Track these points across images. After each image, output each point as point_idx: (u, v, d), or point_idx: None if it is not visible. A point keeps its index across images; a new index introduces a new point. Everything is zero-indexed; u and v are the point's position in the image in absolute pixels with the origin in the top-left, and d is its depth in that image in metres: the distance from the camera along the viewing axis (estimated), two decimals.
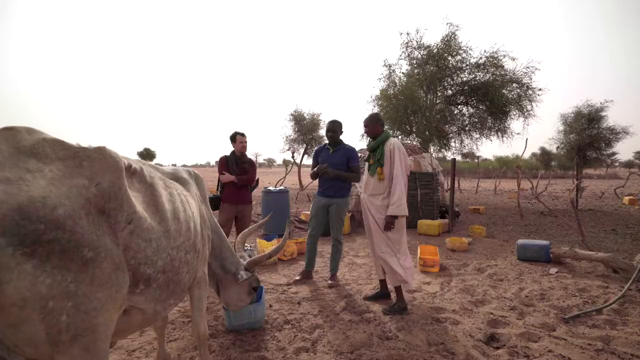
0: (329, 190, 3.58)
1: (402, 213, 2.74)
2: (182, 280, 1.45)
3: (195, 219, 1.61)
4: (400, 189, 2.76)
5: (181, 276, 1.42)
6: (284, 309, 2.89)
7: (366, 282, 3.62)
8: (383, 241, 2.86)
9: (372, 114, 3.02)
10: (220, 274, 2.25)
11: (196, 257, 1.59)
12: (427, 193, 6.93)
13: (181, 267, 1.41)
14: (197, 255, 1.60)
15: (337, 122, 3.62)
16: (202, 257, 1.78)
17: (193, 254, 1.53)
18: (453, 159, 6.31)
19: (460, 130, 12.77)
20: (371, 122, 2.99)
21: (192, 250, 1.52)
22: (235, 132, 4.05)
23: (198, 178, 2.14)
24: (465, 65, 11.96)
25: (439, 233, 6.12)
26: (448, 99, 12.57)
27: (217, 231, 2.26)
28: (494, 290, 3.30)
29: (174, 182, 1.68)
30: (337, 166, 3.51)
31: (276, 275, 3.93)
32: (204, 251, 1.81)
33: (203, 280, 1.79)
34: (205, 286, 1.83)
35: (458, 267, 4.15)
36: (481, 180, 18.90)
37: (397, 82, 12.97)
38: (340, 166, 3.52)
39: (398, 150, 2.83)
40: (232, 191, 3.99)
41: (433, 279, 3.70)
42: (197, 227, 1.60)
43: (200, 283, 1.77)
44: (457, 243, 5.04)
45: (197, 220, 1.63)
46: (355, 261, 4.53)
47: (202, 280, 1.77)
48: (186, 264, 1.45)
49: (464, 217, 8.33)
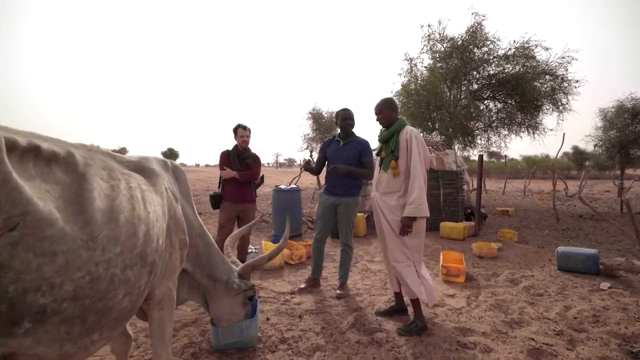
0: (336, 187, 3.17)
1: (421, 214, 2.30)
2: (116, 306, 1.08)
3: (151, 221, 1.25)
4: (420, 185, 2.32)
5: (112, 301, 1.06)
6: (283, 324, 2.52)
7: (380, 293, 3.19)
8: (398, 248, 2.42)
9: (385, 99, 2.58)
10: (207, 285, 1.91)
11: (148, 272, 1.23)
12: (450, 193, 6.36)
13: (113, 289, 1.05)
14: (150, 270, 1.24)
15: (351, 110, 3.21)
16: (168, 270, 1.43)
17: (140, 268, 1.17)
18: (480, 155, 5.73)
19: (486, 127, 11.97)
20: (384, 108, 2.55)
21: (139, 263, 1.16)
22: (238, 124, 3.73)
23: (177, 171, 1.80)
24: (493, 57, 11.16)
25: (463, 237, 5.57)
26: (473, 94, 11.81)
27: (203, 234, 1.91)
28: (532, 308, 2.77)
29: (130, 174, 1.33)
30: (347, 161, 3.10)
31: (280, 281, 3.57)
32: (172, 262, 1.46)
33: (167, 299, 1.44)
34: (170, 306, 1.47)
35: (487, 277, 3.63)
36: (508, 180, 17.82)
37: (418, 76, 12.34)
38: (351, 161, 3.11)
39: (416, 140, 2.39)
40: (234, 189, 3.67)
41: (458, 291, 3.22)
42: (153, 231, 1.24)
43: (163, 303, 1.41)
44: (485, 249, 4.49)
45: (154, 222, 1.27)
46: (369, 267, 4.10)
47: (165, 299, 1.42)
48: (124, 283, 1.09)
49: (491, 219, 7.67)
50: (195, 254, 1.85)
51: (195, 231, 1.85)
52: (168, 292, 1.44)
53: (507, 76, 10.81)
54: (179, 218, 1.56)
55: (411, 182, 2.35)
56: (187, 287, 1.86)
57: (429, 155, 2.50)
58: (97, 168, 1.15)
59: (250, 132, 3.73)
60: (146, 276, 1.20)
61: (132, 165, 1.44)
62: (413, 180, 2.34)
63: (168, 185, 1.58)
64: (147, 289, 1.26)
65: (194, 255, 1.85)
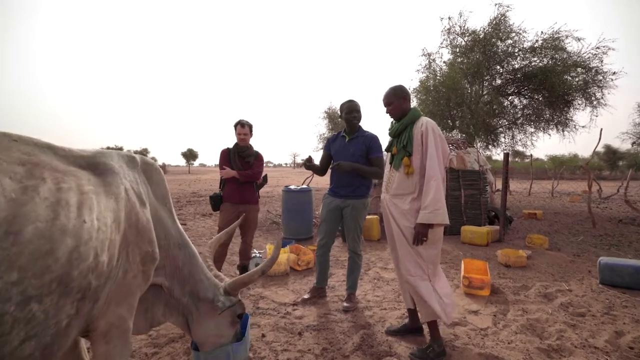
0: (342, 188, 2.85)
1: (438, 220, 1.95)
2: (7, 357, 0.80)
3: (87, 233, 0.97)
4: (437, 186, 1.96)
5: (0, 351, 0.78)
6: (279, 342, 2.22)
7: (392, 307, 2.84)
8: (412, 259, 2.07)
9: (394, 87, 2.23)
10: (189, 304, 1.64)
11: (77, 301, 0.95)
12: (472, 194, 5.89)
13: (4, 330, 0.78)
14: (80, 297, 0.96)
15: (358, 104, 2.88)
16: (120, 292, 1.16)
17: (57, 298, 0.89)
18: (506, 153, 5.24)
19: (511, 124, 11.29)
20: (394, 97, 2.20)
21: (55, 291, 0.88)
22: (237, 120, 3.47)
23: (150, 169, 1.53)
24: (518, 50, 10.48)
25: (487, 242, 5.10)
26: (497, 90, 11.15)
27: (184, 244, 1.64)
28: (574, 332, 2.35)
29: (70, 172, 1.05)
30: (354, 158, 2.77)
31: (284, 290, 3.28)
32: (127, 282, 1.18)
33: (117, 331, 1.16)
34: (122, 339, 1.19)
35: (516, 291, 3.20)
36: (533, 181, 16.86)
37: (437, 72, 11.80)
38: (358, 158, 2.78)
39: (432, 133, 2.04)
40: (235, 189, 3.41)
41: (482, 307, 2.82)
42: (88, 246, 0.96)
43: (110, 336, 1.14)
44: (512, 257, 4.04)
45: (93, 233, 0.99)
46: (382, 275, 3.74)
47: (113, 330, 1.14)
48: (23, 322, 0.81)
49: (517, 223, 7.11)
50: (174, 266, 1.58)
51: (173, 240, 1.58)
52: (119, 322, 1.16)
53: (533, 70, 10.12)
54: (144, 226, 1.28)
55: (426, 182, 2.00)
56: (162, 307, 1.59)
57: (448, 150, 2.14)
58: (9, 164, 0.89)
59: (250, 130, 3.46)
60: (71, 307, 0.92)
61: (81, 160, 1.18)
62: (429, 180, 1.99)
63: (132, 185, 1.31)
64: (79, 323, 0.98)
65: (172, 269, 1.58)
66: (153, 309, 1.56)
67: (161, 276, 1.53)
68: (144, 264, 1.25)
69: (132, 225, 1.21)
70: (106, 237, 1.04)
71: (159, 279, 1.52)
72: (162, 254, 1.51)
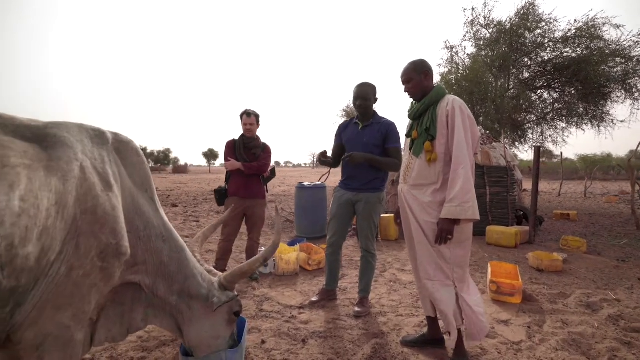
0: (354, 180, 2.57)
1: (468, 215, 1.64)
2: None
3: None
4: (466, 175, 1.66)
5: None
6: (280, 350, 1.98)
7: (410, 313, 2.54)
8: (432, 261, 1.78)
9: (416, 61, 1.92)
10: (179, 304, 1.43)
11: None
12: (499, 192, 5.45)
13: None
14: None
15: (369, 85, 2.60)
16: (62, 294, 0.94)
17: None
18: (537, 147, 4.78)
19: (540, 120, 10.60)
20: (415, 72, 1.89)
21: None
22: (244, 110, 3.27)
23: (126, 149, 1.32)
24: (548, 40, 9.81)
25: (515, 244, 4.67)
26: (524, 83, 10.50)
27: (169, 237, 1.43)
28: (629, 352, 1.97)
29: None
30: (367, 148, 2.49)
31: (291, 291, 3.04)
32: (73, 280, 0.96)
33: (55, 343, 0.95)
34: (62, 353, 0.97)
35: (552, 299, 2.82)
36: (562, 182, 15.87)
37: (460, 66, 11.27)
38: (372, 148, 2.50)
39: (461, 112, 1.74)
40: (240, 182, 3.22)
41: (513, 316, 2.47)
42: None
43: (43, 348, 0.92)
44: (546, 260, 3.63)
45: (8, 218, 0.77)
46: (399, 278, 3.44)
47: (49, 343, 0.93)
48: None
49: (548, 224, 6.57)
50: (158, 261, 1.37)
51: (155, 232, 1.36)
52: (58, 331, 0.94)
53: (565, 61, 9.44)
54: (106, 213, 1.07)
55: (453, 171, 1.70)
56: (143, 310, 1.38)
57: (478, 133, 1.83)
58: None
59: (257, 120, 3.25)
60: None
61: (25, 131, 0.98)
62: (456, 168, 1.69)
63: (93, 164, 1.11)
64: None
65: (155, 264, 1.36)
66: (132, 313, 1.36)
67: (140, 273, 1.33)
68: (104, 259, 1.03)
69: (87, 211, 1.00)
70: (35, 224, 0.83)
71: (137, 276, 1.32)
72: (141, 248, 1.30)
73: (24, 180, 0.84)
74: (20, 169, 0.84)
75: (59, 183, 0.93)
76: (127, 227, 1.21)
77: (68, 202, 0.94)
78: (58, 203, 0.91)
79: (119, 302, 1.31)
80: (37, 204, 0.85)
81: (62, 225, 0.91)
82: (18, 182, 0.82)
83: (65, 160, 0.99)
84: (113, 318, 1.29)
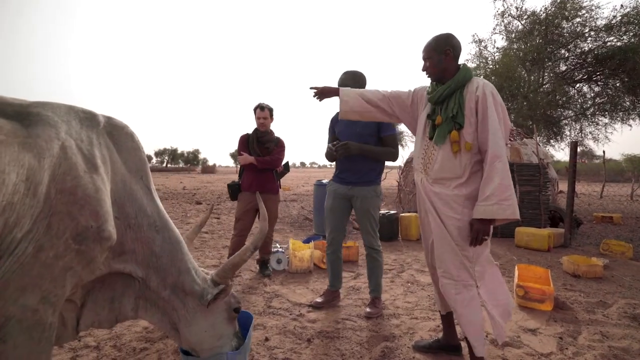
0: (348, 173, 2.43)
1: (507, 215, 1.47)
2: None
3: None
4: (504, 169, 1.49)
5: None
6: (283, 349, 1.89)
7: (426, 316, 2.37)
8: (456, 260, 1.60)
9: (438, 36, 1.70)
10: (171, 299, 1.35)
11: None
12: (530, 191, 5.08)
13: None
14: None
15: (355, 72, 2.46)
16: (28, 274, 0.89)
17: None
18: (574, 142, 4.39)
19: (578, 115, 9.86)
20: (434, 50, 1.67)
21: None
22: (257, 104, 3.23)
23: (120, 133, 1.28)
24: (589, 29, 9.11)
25: (548, 247, 4.32)
26: (561, 76, 9.82)
27: (163, 227, 1.37)
28: None
29: None
30: (361, 138, 2.35)
31: (302, 289, 2.96)
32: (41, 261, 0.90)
33: (20, 326, 0.89)
34: (27, 336, 0.91)
35: (590, 308, 2.54)
36: (603, 184, 14.67)
37: (489, 60, 10.74)
38: (366, 138, 2.35)
39: (493, 99, 1.54)
40: (253, 177, 3.18)
41: (542, 325, 2.24)
42: None
43: (5, 331, 0.87)
44: (583, 265, 3.30)
45: None
46: (417, 279, 3.26)
47: (12, 325, 0.87)
48: None
49: (587, 227, 6.05)
50: (149, 252, 1.31)
51: (147, 221, 1.31)
52: (22, 314, 0.89)
53: (609, 51, 8.71)
54: (86, 194, 1.01)
55: (489, 164, 1.50)
56: (133, 300, 1.34)
57: (510, 123, 1.65)
58: None
59: (271, 113, 3.20)
60: None
61: (7, 108, 0.96)
62: (493, 161, 1.50)
63: (77, 144, 1.07)
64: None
65: (146, 255, 1.30)
66: (122, 300, 1.31)
67: (130, 263, 1.28)
68: (81, 242, 0.99)
69: (64, 191, 0.96)
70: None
71: (127, 265, 1.27)
72: (130, 235, 1.25)
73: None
74: None
75: (33, 160, 0.90)
76: (115, 212, 1.16)
77: (41, 179, 0.90)
78: (29, 179, 0.87)
79: (109, 287, 1.27)
80: (2, 177, 0.81)
81: (32, 202, 0.88)
82: None
83: (43, 138, 0.96)
84: (101, 302, 1.25)
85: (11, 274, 0.85)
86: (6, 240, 0.83)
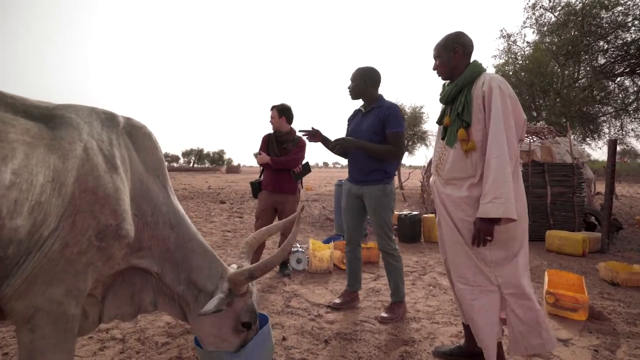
0: (357, 172, 2.39)
1: (498, 213, 1.41)
2: None
3: None
4: (499, 166, 1.43)
5: None
6: (300, 349, 1.89)
7: (447, 321, 2.30)
8: (470, 263, 1.55)
9: (449, 35, 1.69)
10: (185, 294, 1.38)
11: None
12: (563, 193, 4.80)
13: None
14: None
15: (362, 68, 2.40)
16: (54, 269, 0.94)
17: None
18: (612, 139, 4.10)
19: (619, 111, 9.21)
20: (443, 49, 1.67)
21: None
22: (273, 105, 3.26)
23: (138, 133, 1.32)
24: (632, 18, 8.48)
25: (583, 252, 4.06)
26: (599, 70, 9.21)
27: (178, 223, 1.39)
28: None
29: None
30: (367, 135, 2.29)
31: (322, 289, 2.95)
32: (65, 257, 0.96)
33: (47, 317, 0.94)
34: (53, 328, 0.96)
35: (630, 319, 2.36)
36: None
37: (519, 55, 10.26)
38: (372, 135, 2.29)
39: (499, 92, 1.49)
40: (271, 177, 3.21)
41: (575, 336, 2.10)
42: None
43: (35, 322, 0.92)
44: (623, 272, 3.07)
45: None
46: (440, 282, 3.17)
47: (40, 316, 0.92)
48: None
49: (628, 232, 5.64)
50: (164, 249, 1.34)
51: (163, 218, 1.34)
52: (49, 306, 0.94)
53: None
54: (107, 194, 1.06)
55: (486, 162, 1.47)
56: (152, 294, 1.38)
57: (524, 117, 1.57)
58: None
59: (281, 114, 3.19)
60: None
61: (33, 110, 1.01)
62: (489, 158, 1.46)
63: (99, 145, 1.12)
64: None
65: (162, 251, 1.33)
66: (141, 294, 1.36)
67: (147, 258, 1.32)
68: (102, 239, 1.03)
69: (87, 190, 1.01)
70: (27, 198, 0.84)
71: (144, 261, 1.31)
72: (147, 233, 1.29)
73: (19, 156, 0.85)
74: (18, 144, 0.86)
75: (58, 161, 0.94)
76: (134, 210, 1.20)
77: (67, 180, 0.95)
78: (55, 180, 0.92)
79: (129, 282, 1.33)
80: (30, 179, 0.86)
81: (58, 202, 0.92)
82: (12, 157, 0.84)
83: (67, 140, 1.01)
84: (122, 297, 1.30)
85: (39, 268, 0.90)
86: (34, 237, 0.88)
